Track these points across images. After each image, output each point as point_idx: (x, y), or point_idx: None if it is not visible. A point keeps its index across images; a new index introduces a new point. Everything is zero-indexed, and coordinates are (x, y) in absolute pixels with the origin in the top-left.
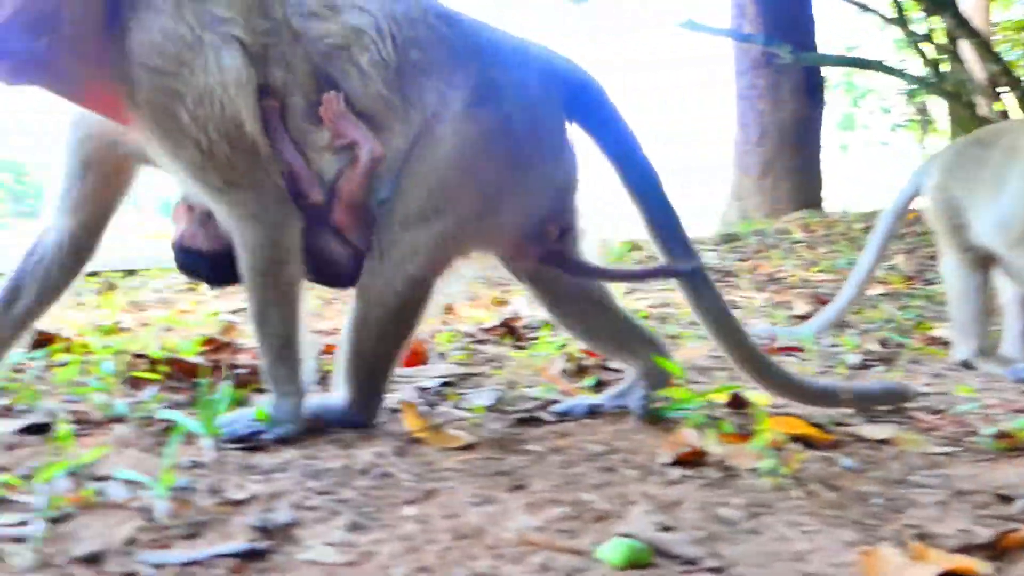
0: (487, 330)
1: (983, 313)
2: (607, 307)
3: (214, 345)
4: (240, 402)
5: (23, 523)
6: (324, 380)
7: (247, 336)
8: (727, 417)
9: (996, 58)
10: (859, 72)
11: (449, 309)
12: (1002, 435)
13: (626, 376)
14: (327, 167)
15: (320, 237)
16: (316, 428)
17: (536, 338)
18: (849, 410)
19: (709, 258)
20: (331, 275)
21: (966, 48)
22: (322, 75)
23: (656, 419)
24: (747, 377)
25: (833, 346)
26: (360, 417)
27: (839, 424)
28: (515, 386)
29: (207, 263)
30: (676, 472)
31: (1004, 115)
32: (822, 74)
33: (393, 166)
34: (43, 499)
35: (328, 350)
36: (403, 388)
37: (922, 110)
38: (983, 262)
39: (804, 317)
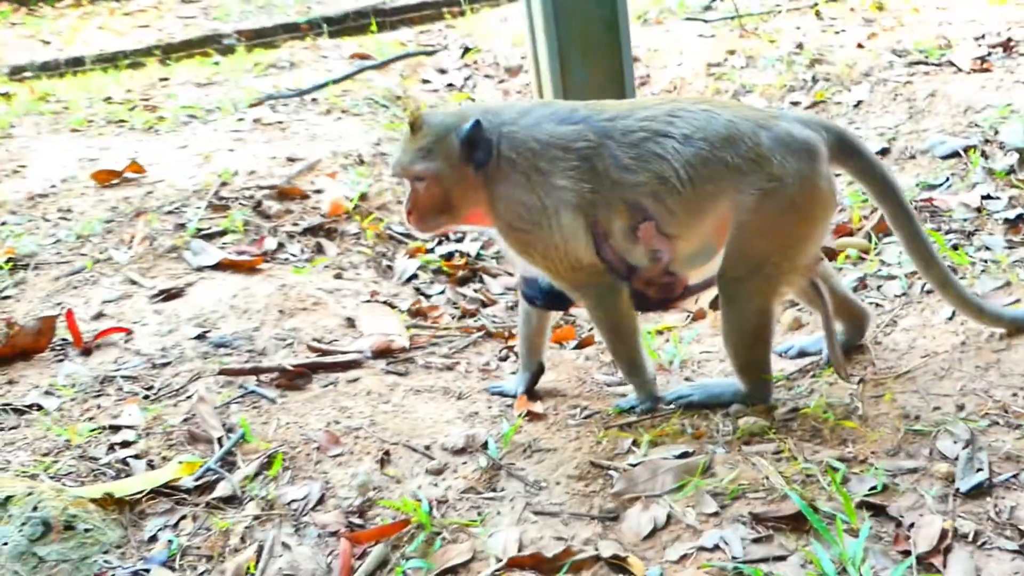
0: None
1: None
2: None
3: None
4: None
5: None
6: None
7: None
8: None
9: None
10: None
11: None
12: None
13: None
14: (640, 261)
15: (633, 294)
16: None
17: None
18: None
19: None
20: (642, 308)
21: None
22: (638, 208)
23: None
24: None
25: None
26: (758, 397)
27: None
28: None
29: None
30: None
31: None
32: None
33: (692, 251)
34: None
35: None
36: None
37: None
38: None
39: None
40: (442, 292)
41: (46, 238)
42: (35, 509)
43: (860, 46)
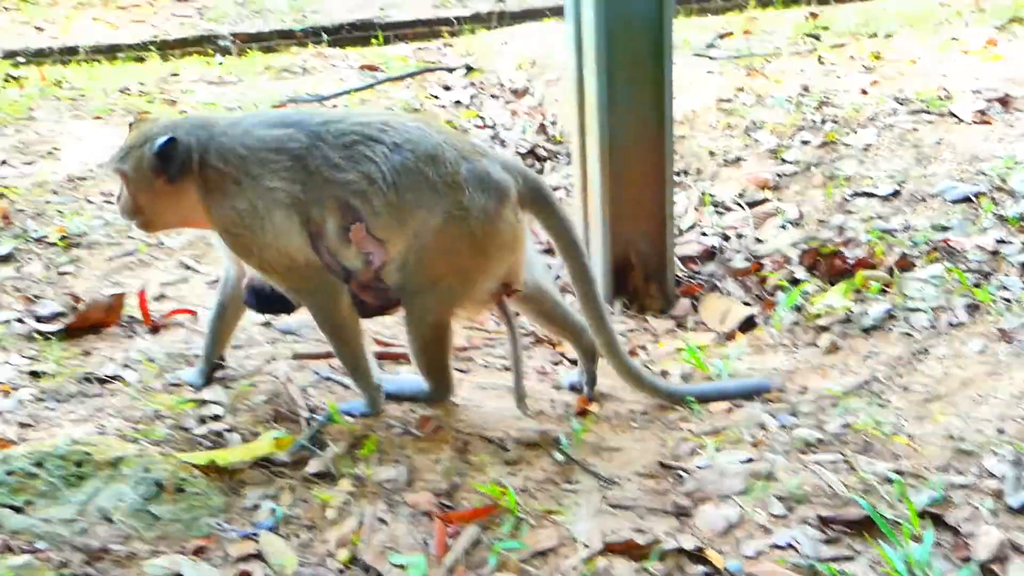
0: None
1: None
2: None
3: None
4: None
5: None
6: None
7: None
8: None
9: None
10: None
11: None
12: None
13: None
14: (353, 264)
15: (353, 300)
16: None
17: None
18: None
19: None
20: (362, 314)
21: None
22: (348, 208)
23: None
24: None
25: None
26: (439, 395)
27: None
28: None
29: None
30: None
31: None
32: None
33: (399, 261)
34: None
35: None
36: None
37: None
38: None
39: None
40: None
41: (93, 219)
42: (147, 471)
43: (864, 92)
